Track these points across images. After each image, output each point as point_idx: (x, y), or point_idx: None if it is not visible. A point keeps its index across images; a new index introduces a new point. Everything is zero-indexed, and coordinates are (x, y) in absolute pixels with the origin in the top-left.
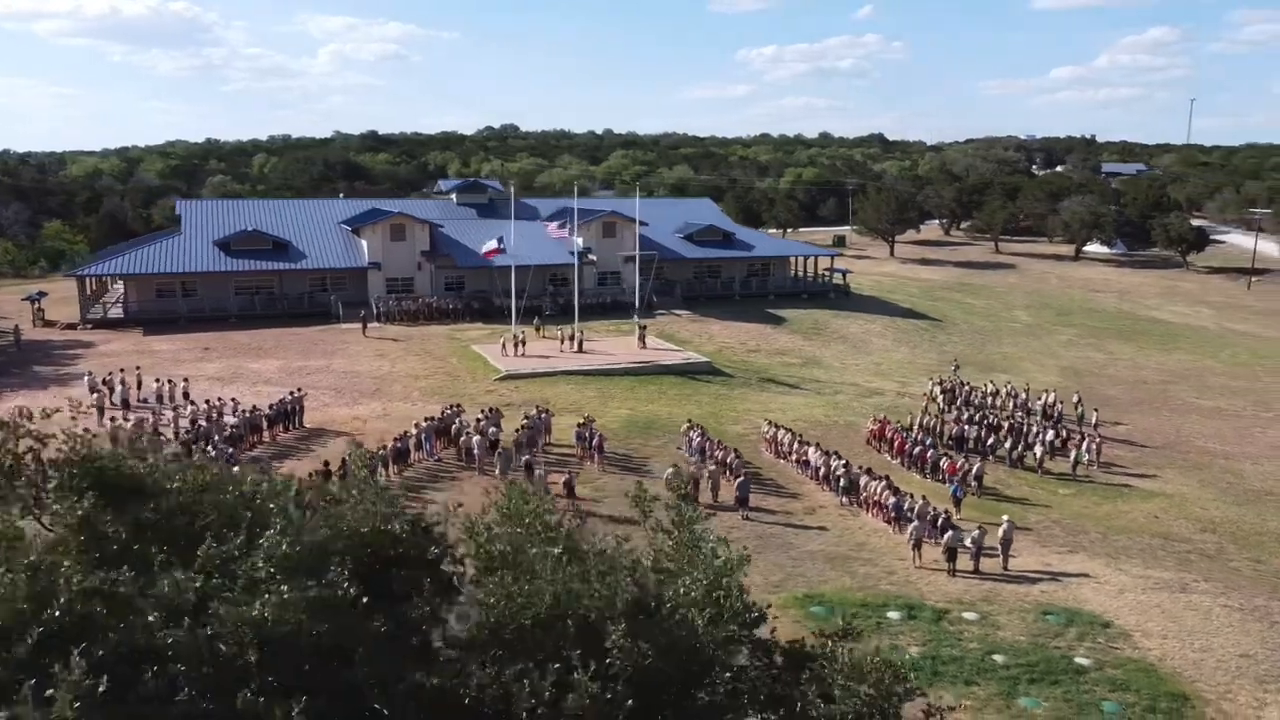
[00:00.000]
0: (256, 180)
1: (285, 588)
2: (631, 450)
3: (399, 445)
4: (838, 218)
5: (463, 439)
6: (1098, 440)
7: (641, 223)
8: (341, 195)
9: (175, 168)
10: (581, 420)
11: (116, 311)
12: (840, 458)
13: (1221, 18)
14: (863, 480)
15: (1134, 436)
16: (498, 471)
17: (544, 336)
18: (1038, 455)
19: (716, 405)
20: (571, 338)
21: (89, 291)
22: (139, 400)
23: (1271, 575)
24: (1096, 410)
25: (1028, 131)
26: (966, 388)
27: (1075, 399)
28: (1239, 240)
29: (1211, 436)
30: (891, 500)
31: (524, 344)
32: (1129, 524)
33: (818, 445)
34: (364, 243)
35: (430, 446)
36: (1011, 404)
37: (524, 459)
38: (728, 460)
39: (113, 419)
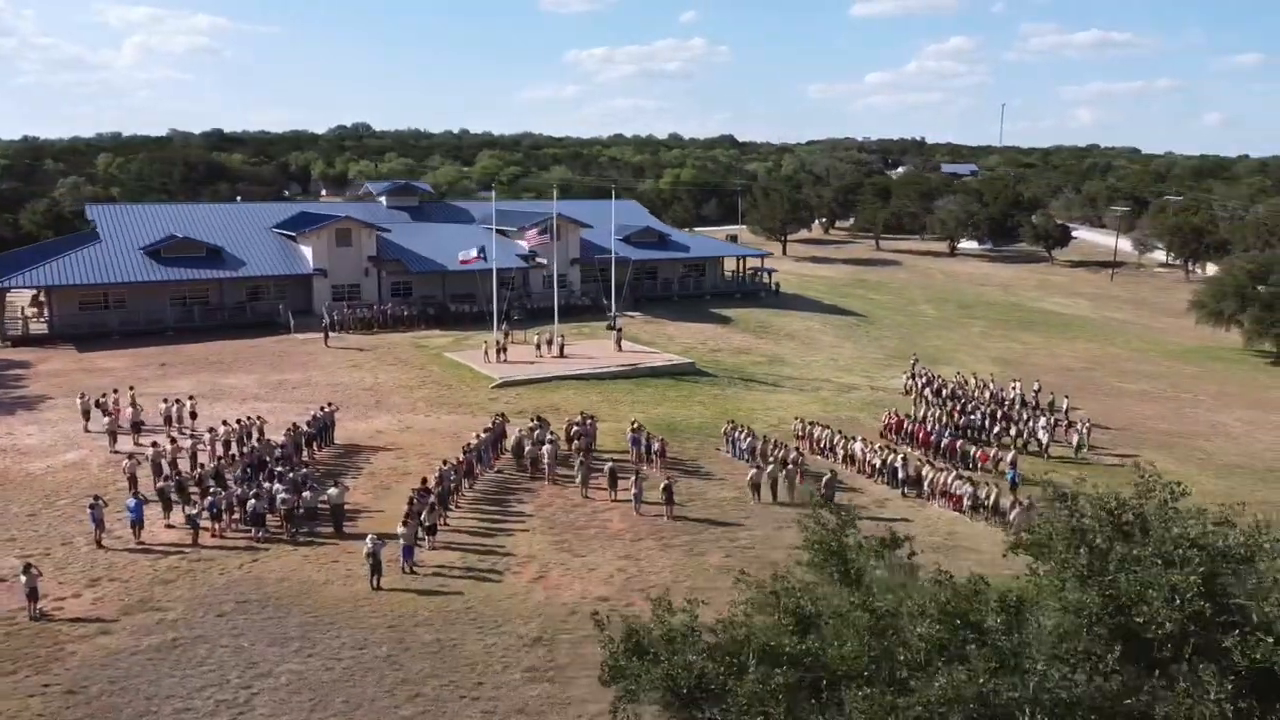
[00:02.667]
0: (108, 181)
1: None
2: (672, 454)
3: (469, 458)
4: (721, 217)
5: (528, 450)
6: (1088, 425)
7: (585, 225)
8: (240, 199)
9: (7, 168)
10: (634, 425)
11: (38, 327)
12: (893, 451)
13: (1014, 29)
14: (925, 471)
15: (1095, 420)
16: (578, 481)
17: (512, 342)
18: (1043, 441)
19: (719, 405)
20: (550, 342)
21: None
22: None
23: None
24: (1068, 397)
25: (854, 133)
26: (940, 380)
27: (1036, 388)
28: (1087, 235)
29: (1156, 418)
30: (967, 489)
31: (505, 350)
32: None
33: (862, 439)
34: (307, 249)
35: (489, 458)
36: (987, 394)
37: (608, 466)
38: (792, 459)
39: (155, 444)
